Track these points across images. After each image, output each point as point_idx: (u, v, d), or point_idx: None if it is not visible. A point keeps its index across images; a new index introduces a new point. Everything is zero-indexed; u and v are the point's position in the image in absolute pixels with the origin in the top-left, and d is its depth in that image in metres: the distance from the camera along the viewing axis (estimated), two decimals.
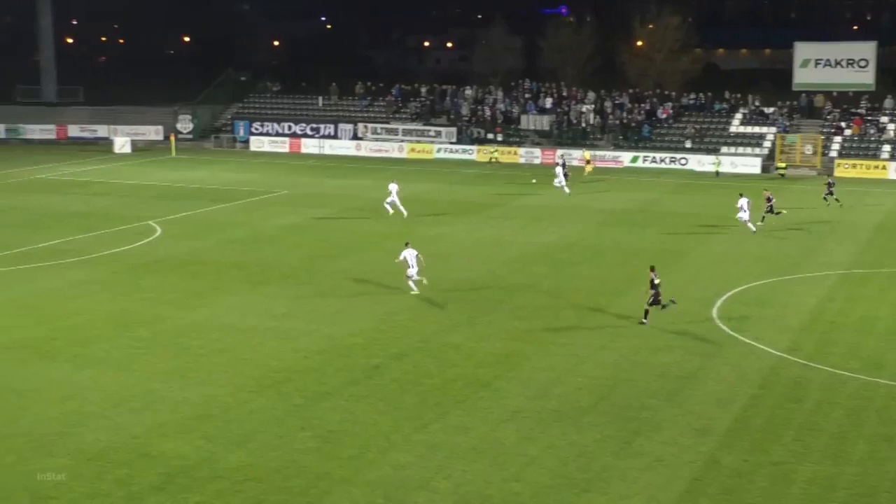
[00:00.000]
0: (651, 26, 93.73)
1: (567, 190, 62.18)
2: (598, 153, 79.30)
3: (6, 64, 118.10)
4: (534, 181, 67.46)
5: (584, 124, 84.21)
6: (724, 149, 78.06)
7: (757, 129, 79.91)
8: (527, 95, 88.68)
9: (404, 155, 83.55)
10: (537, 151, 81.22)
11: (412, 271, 37.04)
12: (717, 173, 73.09)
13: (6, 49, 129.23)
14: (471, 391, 26.83)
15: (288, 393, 26.55)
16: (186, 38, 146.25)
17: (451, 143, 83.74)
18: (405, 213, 53.50)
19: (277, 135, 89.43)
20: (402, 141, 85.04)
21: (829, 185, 58.13)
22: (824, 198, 57.33)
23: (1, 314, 34.14)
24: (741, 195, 50.60)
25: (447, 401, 26.06)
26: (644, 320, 33.19)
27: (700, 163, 76.35)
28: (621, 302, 36.20)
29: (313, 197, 60.86)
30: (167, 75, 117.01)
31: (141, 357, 29.56)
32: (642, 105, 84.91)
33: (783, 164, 73.10)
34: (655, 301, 33.05)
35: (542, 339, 31.72)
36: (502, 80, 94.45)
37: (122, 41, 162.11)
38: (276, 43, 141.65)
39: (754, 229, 49.24)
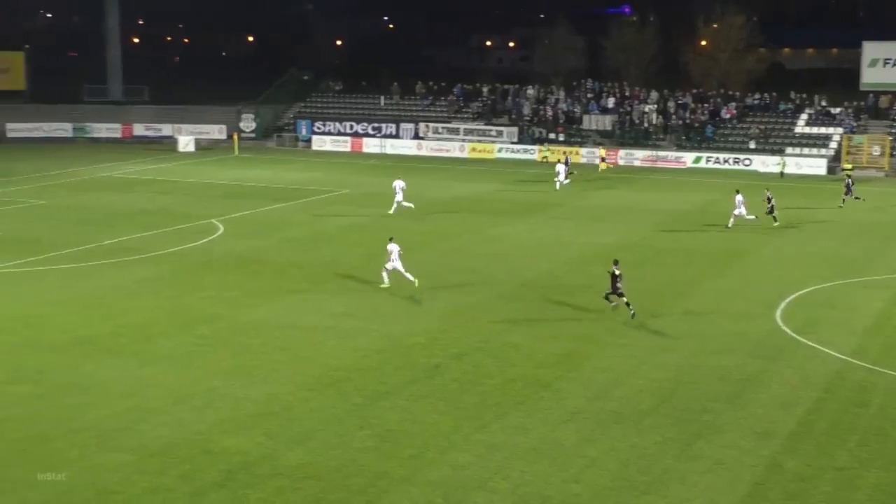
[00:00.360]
0: (715, 25, 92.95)
1: (566, 181, 63.48)
2: (661, 153, 78.79)
3: (74, 63, 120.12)
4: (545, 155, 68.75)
5: (646, 124, 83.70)
6: (789, 149, 77.15)
7: (823, 130, 78.89)
8: (589, 95, 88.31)
9: (465, 154, 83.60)
10: (597, 152, 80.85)
11: (391, 265, 37.43)
12: (783, 174, 72.25)
13: (74, 49, 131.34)
14: (531, 391, 26.77)
15: (347, 392, 26.67)
16: (250, 38, 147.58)
17: (513, 142, 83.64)
18: (392, 210, 53.78)
19: (339, 134, 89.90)
20: (464, 140, 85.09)
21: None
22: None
23: (67, 311, 34.67)
24: (737, 192, 51.10)
25: (507, 401, 26.03)
26: (611, 302, 34.19)
27: (764, 164, 75.52)
28: (683, 303, 35.93)
29: (374, 196, 61.08)
30: (231, 75, 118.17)
31: (202, 354, 29.85)
32: (706, 105, 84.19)
33: (849, 166, 72.06)
34: (613, 291, 33.85)
35: (603, 340, 31.57)
36: (564, 79, 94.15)
37: (186, 41, 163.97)
38: (338, 42, 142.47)
39: (752, 219, 50.06)
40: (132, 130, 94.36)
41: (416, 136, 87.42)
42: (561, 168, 64.40)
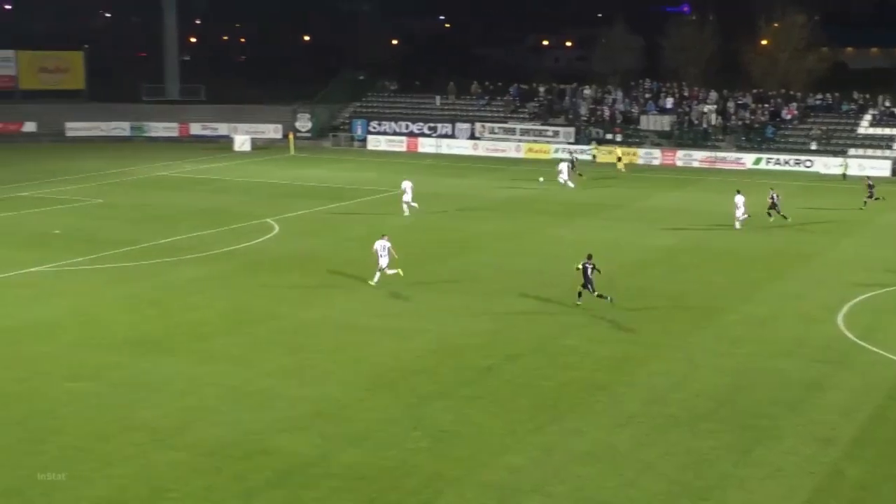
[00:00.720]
0: (776, 25, 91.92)
1: (571, 185, 63.86)
2: (721, 154, 78.08)
3: (132, 63, 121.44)
4: (541, 179, 66.69)
5: (705, 125, 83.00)
6: (852, 151, 76.12)
7: (887, 131, 77.71)
8: (647, 95, 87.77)
9: (521, 155, 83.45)
10: (657, 153, 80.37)
11: (383, 262, 37.87)
12: (845, 176, 71.29)
13: (132, 48, 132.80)
14: (587, 395, 26.62)
15: (402, 392, 26.69)
16: (306, 38, 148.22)
17: (570, 143, 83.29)
18: (406, 212, 53.94)
19: (395, 134, 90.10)
20: (520, 141, 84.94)
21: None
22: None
23: (124, 309, 35.04)
24: (738, 192, 51.59)
25: (562, 404, 25.90)
26: (579, 297, 35.18)
27: (826, 165, 74.60)
28: (743, 307, 35.56)
29: (429, 196, 61.09)
30: (287, 74, 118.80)
31: (258, 353, 30.03)
32: (766, 105, 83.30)
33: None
34: (586, 285, 34.79)
35: (660, 343, 31.33)
36: (622, 79, 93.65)
37: (243, 40, 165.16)
38: (394, 42, 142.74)
39: (745, 217, 50.59)
40: (189, 129, 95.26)
41: (472, 136, 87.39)
42: (564, 167, 65.19)
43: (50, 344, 30.76)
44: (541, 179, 66.80)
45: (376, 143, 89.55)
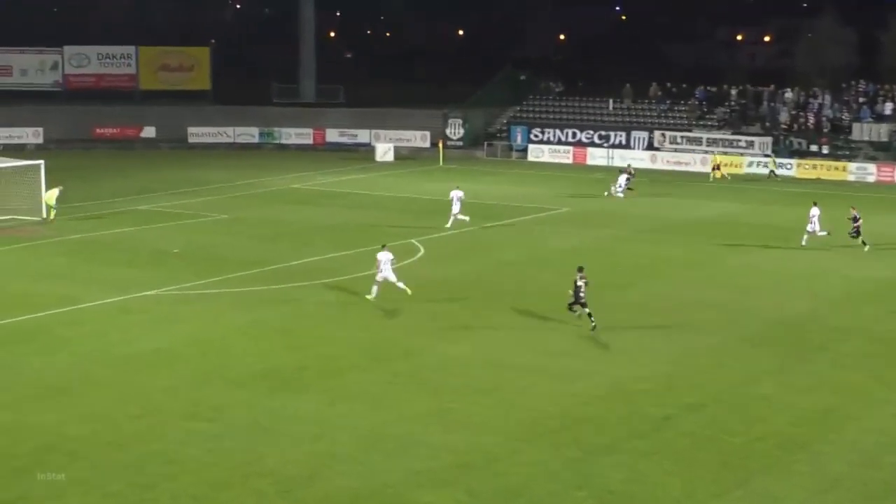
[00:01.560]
0: None
1: (620, 193, 66.81)
2: None
3: (262, 60, 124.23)
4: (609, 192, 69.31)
5: None
6: None
7: None
8: (861, 100, 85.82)
9: (708, 169, 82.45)
10: (871, 167, 78.52)
11: (381, 276, 39.44)
12: None
13: (263, 44, 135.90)
14: (782, 453, 26.12)
15: (563, 444, 26.61)
16: (460, 32, 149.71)
17: (766, 155, 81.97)
18: (449, 224, 55.79)
19: (559, 143, 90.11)
20: (707, 152, 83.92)
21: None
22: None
23: (249, 339, 35.83)
24: (815, 204, 52.08)
25: (752, 463, 25.47)
26: (574, 312, 36.92)
27: None
28: None
29: (599, 215, 60.91)
30: (436, 74, 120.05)
31: (397, 394, 30.33)
32: None
33: None
34: (576, 301, 36.52)
35: (873, 395, 30.55)
36: (831, 80, 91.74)
37: (388, 34, 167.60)
38: (561, 37, 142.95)
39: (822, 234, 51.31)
40: (325, 136, 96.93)
41: (651, 147, 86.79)
42: (622, 180, 67.98)
43: (168, 377, 31.68)
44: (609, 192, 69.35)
45: (538, 153, 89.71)
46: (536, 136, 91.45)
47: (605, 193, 68.65)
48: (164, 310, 39.66)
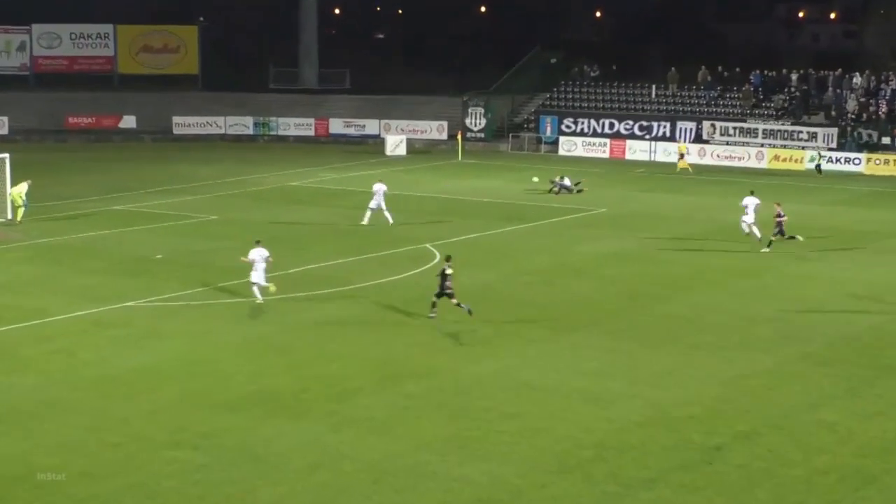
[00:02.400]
0: None
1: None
2: None
3: (258, 42, 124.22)
4: (535, 179, 70.47)
5: None
6: None
7: None
8: None
9: (764, 164, 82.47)
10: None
11: (256, 275, 40.51)
12: None
13: (259, 23, 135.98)
14: (848, 488, 26.10)
15: (598, 477, 26.64)
16: (482, 9, 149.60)
17: (831, 148, 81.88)
18: (365, 220, 57.02)
19: (595, 135, 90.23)
20: (763, 146, 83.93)
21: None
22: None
23: (242, 357, 35.89)
24: (751, 193, 54.22)
25: (814, 499, 25.45)
26: (431, 314, 39.43)
27: None
28: None
29: (639, 217, 60.88)
30: (455, 56, 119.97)
31: (409, 419, 30.37)
32: None
33: None
34: (441, 292, 39.02)
35: None
36: None
37: (400, 11, 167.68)
38: (597, 14, 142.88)
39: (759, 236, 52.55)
40: (328, 127, 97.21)
41: (699, 139, 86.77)
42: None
43: (149, 400, 31.70)
44: (535, 179, 70.25)
45: (570, 146, 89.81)
46: (568, 126, 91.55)
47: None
48: (145, 324, 39.76)
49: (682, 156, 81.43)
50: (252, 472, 26.70)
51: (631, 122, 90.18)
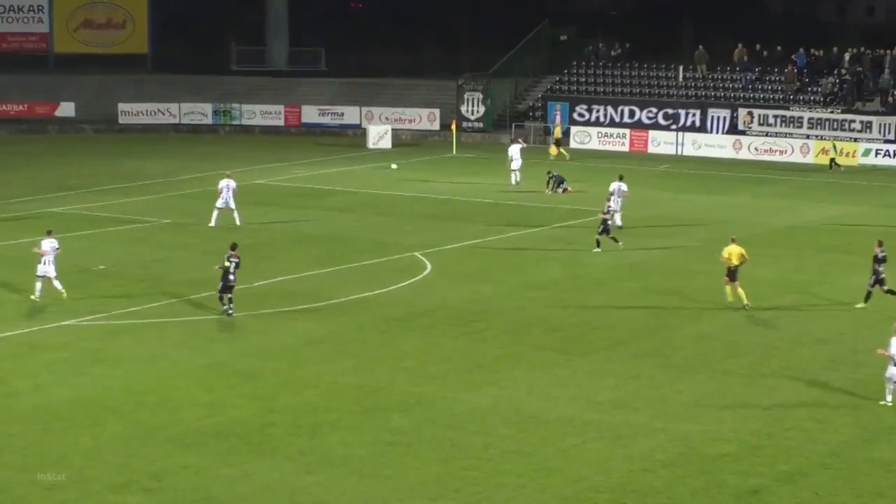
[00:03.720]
0: None
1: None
2: None
3: (219, 16, 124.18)
4: (394, 166, 74.78)
5: None
6: None
7: None
8: None
9: (809, 159, 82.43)
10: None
11: (43, 269, 41.77)
12: None
13: None
14: None
15: None
16: None
17: (888, 140, 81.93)
18: (213, 222, 58.09)
19: (612, 125, 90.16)
20: (808, 137, 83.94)
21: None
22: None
23: (199, 385, 35.84)
24: (621, 177, 58.48)
25: None
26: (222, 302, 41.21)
27: None
28: None
29: (666, 220, 60.91)
30: (449, 33, 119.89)
31: (395, 457, 30.36)
32: None
33: None
34: (224, 288, 41.18)
35: None
36: None
37: None
38: None
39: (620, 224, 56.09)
40: (300, 115, 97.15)
41: (733, 130, 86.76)
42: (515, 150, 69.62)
43: (91, 436, 31.68)
44: (394, 166, 73.87)
45: (583, 138, 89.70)
46: (581, 115, 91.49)
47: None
48: (87, 346, 39.76)
49: (557, 141, 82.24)
50: None
51: (654, 110, 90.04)
